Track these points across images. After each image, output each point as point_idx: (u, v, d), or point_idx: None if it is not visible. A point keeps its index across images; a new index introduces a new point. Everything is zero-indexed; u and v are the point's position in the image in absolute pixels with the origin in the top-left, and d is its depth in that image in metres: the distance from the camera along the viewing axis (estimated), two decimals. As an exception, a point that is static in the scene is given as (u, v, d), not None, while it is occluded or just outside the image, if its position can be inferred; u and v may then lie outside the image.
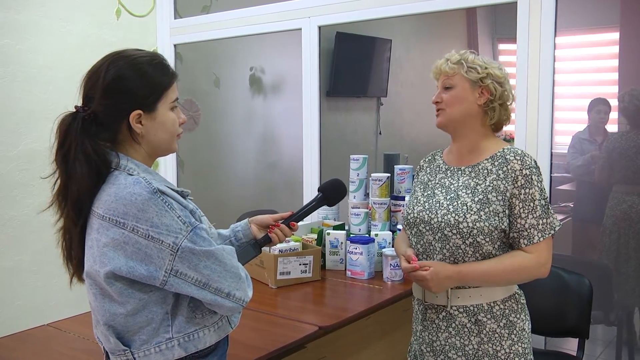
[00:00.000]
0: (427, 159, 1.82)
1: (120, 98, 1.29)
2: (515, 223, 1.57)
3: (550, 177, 2.41)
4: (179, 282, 1.25)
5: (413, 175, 2.44)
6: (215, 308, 1.32)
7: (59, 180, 1.30)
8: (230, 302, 1.30)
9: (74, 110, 1.31)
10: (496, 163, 1.61)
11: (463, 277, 1.56)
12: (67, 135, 1.28)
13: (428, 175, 1.76)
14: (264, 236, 1.58)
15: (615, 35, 4.25)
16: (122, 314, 1.27)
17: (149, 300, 1.28)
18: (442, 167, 1.74)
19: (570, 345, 2.73)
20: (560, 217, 3.84)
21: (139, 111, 1.29)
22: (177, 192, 1.31)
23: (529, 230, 1.56)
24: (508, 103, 1.68)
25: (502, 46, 5.93)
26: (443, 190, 1.67)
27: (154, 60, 1.34)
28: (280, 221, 1.60)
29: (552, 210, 1.61)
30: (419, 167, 1.83)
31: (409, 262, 1.60)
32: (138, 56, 1.32)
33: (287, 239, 1.69)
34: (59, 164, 1.30)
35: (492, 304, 1.60)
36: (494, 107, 1.64)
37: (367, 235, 2.62)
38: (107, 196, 1.25)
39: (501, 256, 1.58)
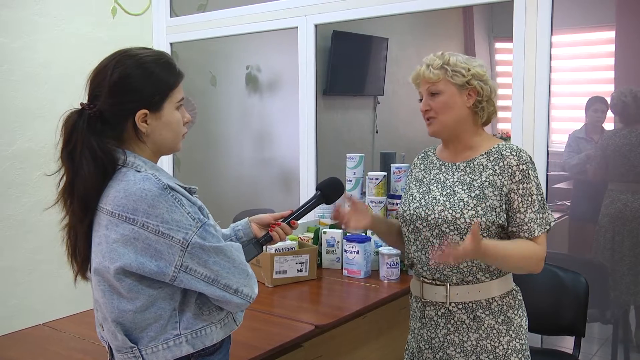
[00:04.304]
0: (420, 156, 1.82)
1: (126, 97, 1.29)
2: (515, 217, 1.57)
3: (547, 175, 2.41)
4: (189, 278, 1.26)
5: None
6: (223, 304, 1.32)
7: (64, 178, 1.30)
8: (238, 298, 1.31)
9: (80, 107, 1.30)
10: (492, 158, 1.61)
11: (485, 252, 1.48)
12: (72, 132, 1.28)
13: (422, 172, 1.76)
14: (265, 235, 1.59)
15: (612, 34, 4.25)
16: (131, 310, 1.27)
17: (157, 296, 1.28)
18: (435, 163, 1.73)
19: (566, 343, 2.74)
20: (556, 215, 3.86)
21: (145, 110, 1.30)
22: (185, 188, 1.32)
23: (529, 225, 1.56)
24: (493, 97, 1.65)
25: (498, 44, 5.93)
26: (439, 186, 1.67)
27: (161, 60, 1.34)
28: (281, 220, 1.60)
29: (547, 206, 1.61)
30: (412, 164, 1.83)
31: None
32: (145, 55, 1.32)
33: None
34: (65, 161, 1.29)
35: (490, 300, 1.60)
36: (483, 106, 1.63)
37: (363, 234, 2.62)
38: (116, 192, 1.25)
39: (515, 240, 1.56)
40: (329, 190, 1.71)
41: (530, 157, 1.61)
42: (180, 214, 1.24)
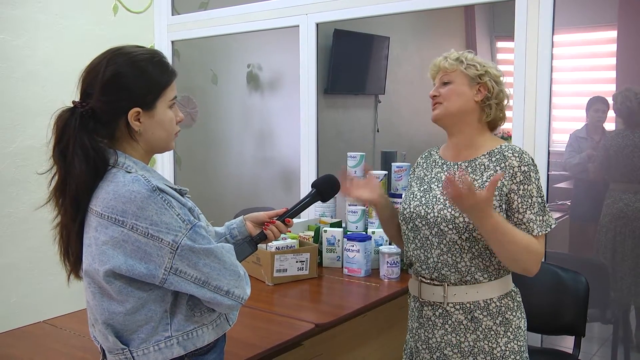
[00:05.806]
0: (423, 156, 1.83)
1: (119, 95, 1.28)
2: (513, 217, 1.56)
3: (548, 175, 2.41)
4: (179, 280, 1.25)
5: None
6: (214, 306, 1.32)
7: (56, 176, 1.30)
8: (229, 300, 1.30)
9: (72, 105, 1.30)
10: (493, 159, 1.61)
11: (492, 216, 1.45)
12: (64, 130, 1.28)
13: (424, 171, 1.76)
14: (260, 233, 1.58)
15: (613, 34, 4.25)
16: (121, 312, 1.27)
17: (148, 298, 1.27)
18: (438, 162, 1.74)
19: (566, 343, 2.74)
20: (557, 215, 3.85)
21: (138, 109, 1.29)
22: (175, 189, 1.31)
23: (527, 224, 1.55)
24: (504, 103, 1.68)
25: (500, 44, 5.92)
26: (439, 185, 1.67)
27: (154, 58, 1.33)
28: (275, 218, 1.60)
29: (548, 209, 1.61)
30: (415, 163, 1.84)
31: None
32: (138, 53, 1.32)
33: (283, 235, 1.70)
34: (57, 160, 1.29)
35: (488, 301, 1.60)
36: (490, 104, 1.65)
37: (364, 232, 2.62)
38: (106, 194, 1.25)
39: (521, 231, 1.53)
40: (325, 187, 1.69)
41: (532, 159, 1.61)
42: (169, 216, 1.23)
